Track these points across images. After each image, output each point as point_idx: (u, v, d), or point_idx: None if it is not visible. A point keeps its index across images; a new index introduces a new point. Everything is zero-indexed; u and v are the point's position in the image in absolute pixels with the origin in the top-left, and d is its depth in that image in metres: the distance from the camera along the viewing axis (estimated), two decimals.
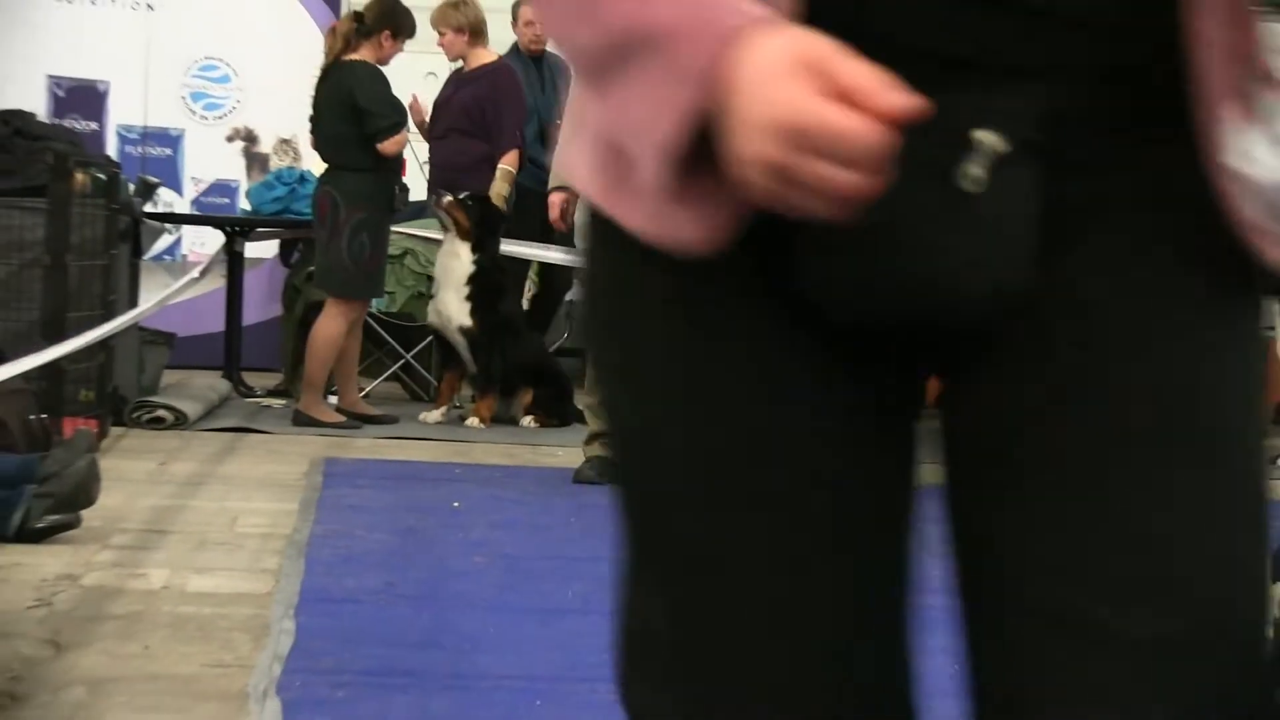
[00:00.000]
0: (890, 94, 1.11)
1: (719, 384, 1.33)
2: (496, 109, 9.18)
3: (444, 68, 9.81)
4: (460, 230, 8.63)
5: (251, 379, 9.78)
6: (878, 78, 1.11)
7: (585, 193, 1.46)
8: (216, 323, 10.00)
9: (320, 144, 8.67)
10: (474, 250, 8.64)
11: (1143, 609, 1.30)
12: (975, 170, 1.21)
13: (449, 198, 8.64)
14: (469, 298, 8.59)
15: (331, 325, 8.38)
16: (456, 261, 8.65)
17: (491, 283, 8.66)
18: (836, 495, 1.34)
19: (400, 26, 8.41)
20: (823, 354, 1.32)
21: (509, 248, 9.03)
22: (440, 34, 9.21)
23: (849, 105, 1.10)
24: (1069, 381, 1.31)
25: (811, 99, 1.11)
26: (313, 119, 8.65)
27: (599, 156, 1.37)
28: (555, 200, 7.06)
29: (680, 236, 1.26)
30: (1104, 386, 1.31)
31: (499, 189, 8.98)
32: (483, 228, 8.67)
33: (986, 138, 1.22)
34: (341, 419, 8.42)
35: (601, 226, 1.40)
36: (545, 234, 9.01)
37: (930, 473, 1.43)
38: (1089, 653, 1.30)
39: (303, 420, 8.38)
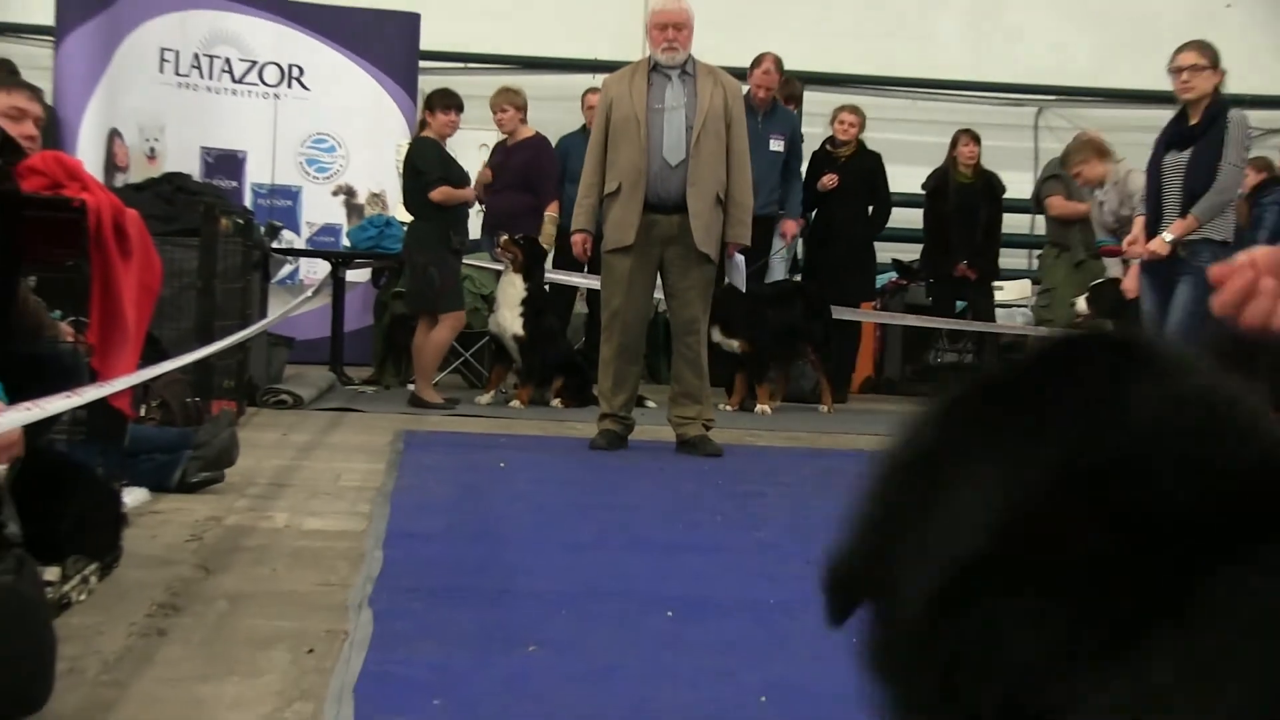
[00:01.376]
0: None
1: None
2: (540, 172, 9.28)
3: (491, 140, 9.83)
4: (515, 264, 8.69)
5: (351, 372, 9.80)
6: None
7: None
8: (324, 329, 10.02)
9: (403, 201, 8.83)
10: (525, 279, 8.71)
11: None
12: None
13: (505, 237, 8.71)
14: (521, 314, 8.67)
15: (442, 332, 8.52)
16: (513, 288, 8.74)
17: (537, 303, 8.75)
18: None
19: (433, 103, 8.52)
20: None
21: (554, 275, 9.16)
22: (502, 110, 9.31)
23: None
24: None
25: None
26: (402, 181, 8.83)
27: None
28: (578, 239, 7.07)
29: None
30: None
31: (548, 230, 9.09)
32: (531, 262, 8.75)
33: None
34: (442, 400, 8.45)
35: None
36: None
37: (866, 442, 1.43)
38: None
39: (417, 401, 8.41)
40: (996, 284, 10.92)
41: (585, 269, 9.29)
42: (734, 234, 6.89)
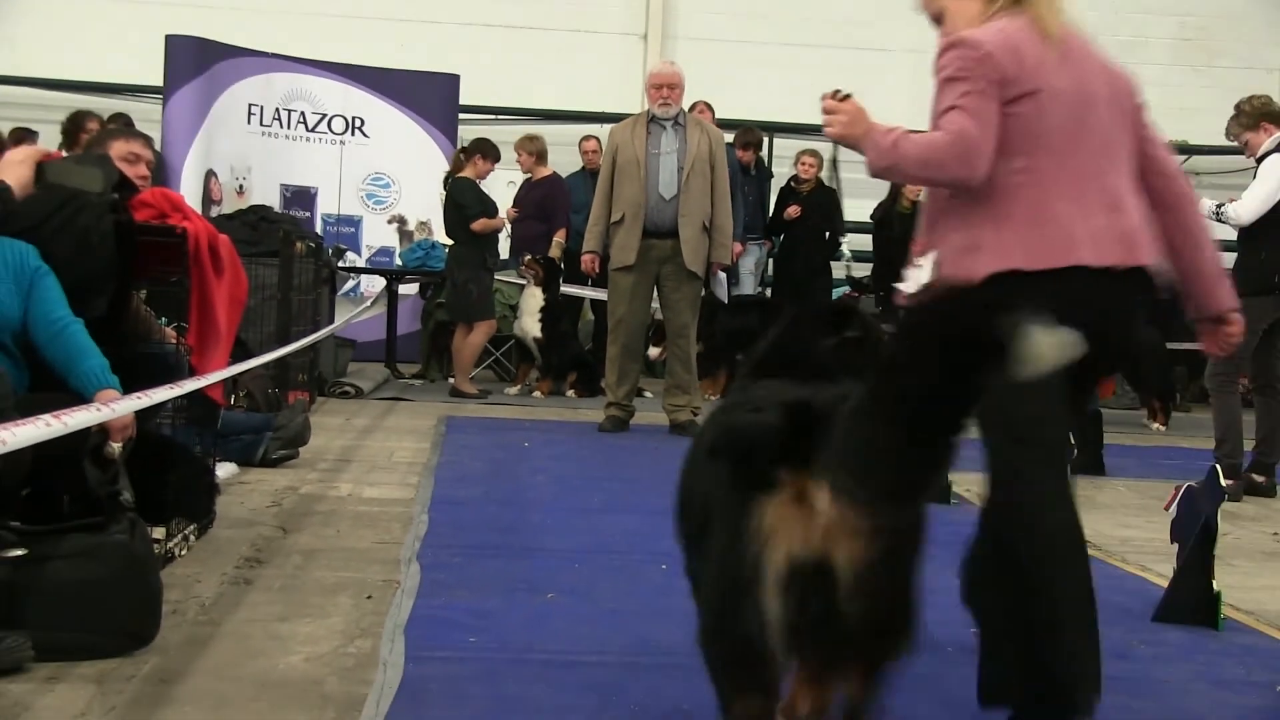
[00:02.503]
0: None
1: None
2: (554, 204, 9.23)
3: (517, 178, 9.80)
4: (536, 279, 8.66)
5: (402, 368, 9.77)
6: None
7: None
8: (380, 333, 9.98)
9: (446, 228, 8.75)
10: (543, 292, 8.67)
11: None
12: None
13: (529, 257, 8.70)
14: (540, 320, 8.63)
15: (476, 336, 8.50)
16: (534, 299, 8.69)
17: (554, 311, 8.71)
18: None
19: (486, 151, 8.46)
20: None
21: (565, 289, 9.11)
22: (519, 154, 9.26)
23: None
24: None
25: None
26: (443, 213, 8.75)
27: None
28: (587, 259, 7.07)
29: None
30: None
31: (555, 253, 9.03)
32: (549, 277, 8.71)
33: None
34: (477, 391, 8.43)
35: None
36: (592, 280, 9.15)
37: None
38: None
39: (456, 392, 8.38)
40: None
41: (590, 283, 9.31)
42: (717, 255, 6.92)
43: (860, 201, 10.74)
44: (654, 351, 7.96)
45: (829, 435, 1.65)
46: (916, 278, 2.43)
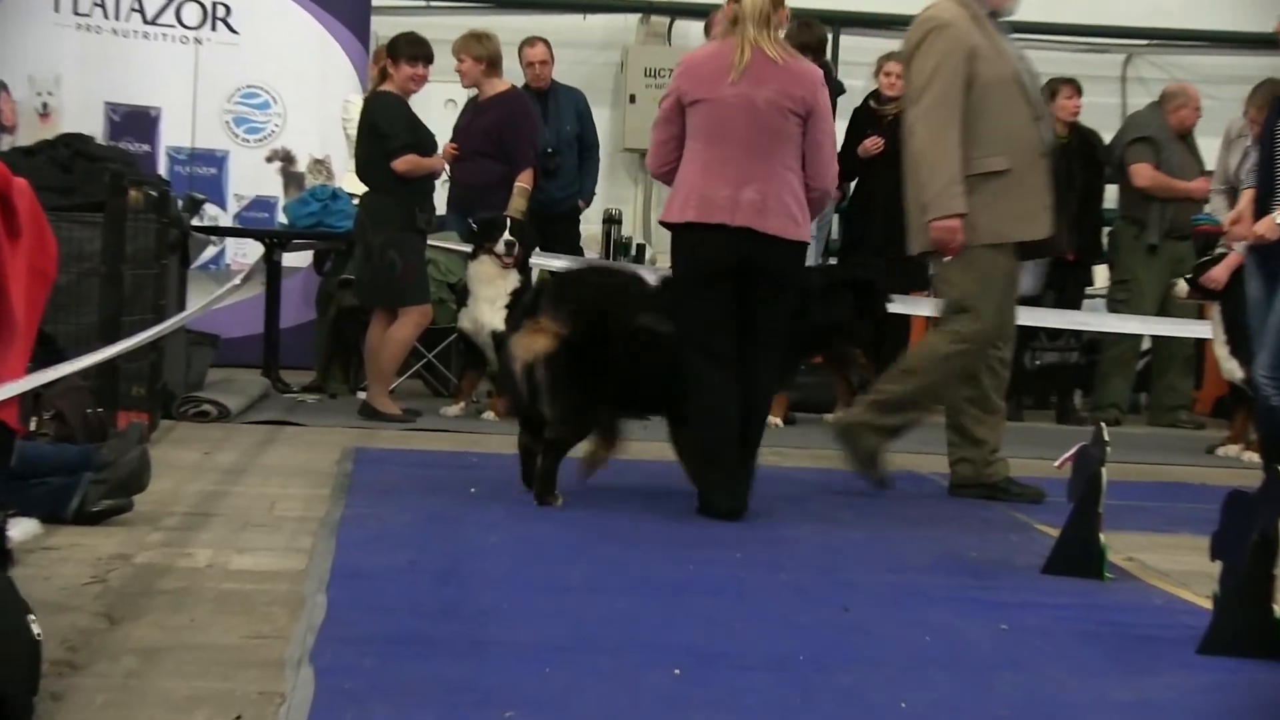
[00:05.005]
0: None
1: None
2: (515, 133, 9.14)
3: (461, 96, 9.79)
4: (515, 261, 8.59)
5: (288, 376, 9.80)
6: None
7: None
8: (256, 325, 10.02)
9: (357, 169, 8.72)
10: (519, 270, 8.56)
11: None
12: None
13: (474, 220, 8.67)
14: (506, 306, 8.45)
15: (402, 331, 8.42)
16: (501, 280, 8.59)
17: (524, 296, 8.56)
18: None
19: (397, 51, 8.43)
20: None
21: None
22: (460, 60, 9.13)
23: None
24: None
25: None
26: (355, 146, 8.71)
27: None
28: (952, 225, 6.42)
29: None
30: None
31: (517, 205, 8.97)
32: (527, 249, 8.61)
33: None
34: (401, 411, 8.41)
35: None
36: (544, 245, 9.11)
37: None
38: None
39: (370, 412, 8.37)
40: (1097, 268, 10.78)
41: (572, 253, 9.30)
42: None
43: None
44: None
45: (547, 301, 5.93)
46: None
